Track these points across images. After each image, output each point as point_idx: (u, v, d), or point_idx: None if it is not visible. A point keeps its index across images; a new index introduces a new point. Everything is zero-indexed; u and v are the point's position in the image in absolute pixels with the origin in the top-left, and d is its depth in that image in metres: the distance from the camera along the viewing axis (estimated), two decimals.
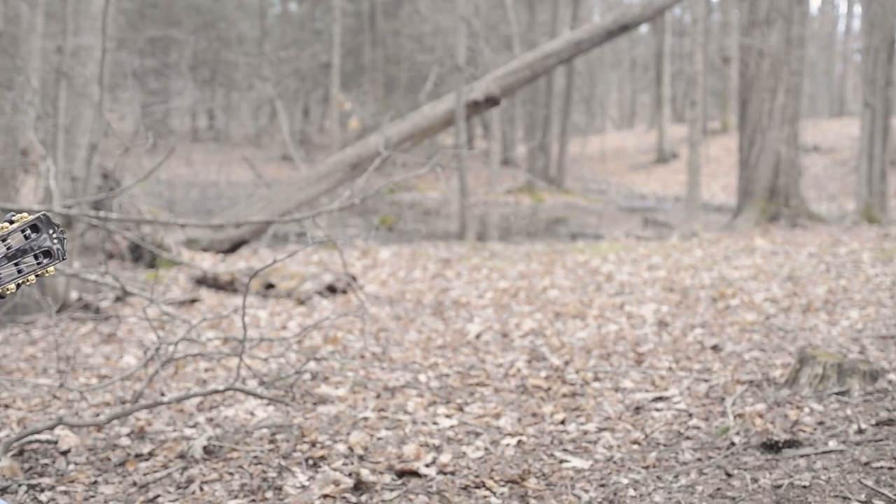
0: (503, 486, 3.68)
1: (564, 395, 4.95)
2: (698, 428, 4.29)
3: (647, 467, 3.83)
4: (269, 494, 3.67)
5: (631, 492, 3.56)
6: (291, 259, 9.92)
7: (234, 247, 12.21)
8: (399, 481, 3.75)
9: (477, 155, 17.33)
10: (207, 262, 10.64)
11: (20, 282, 1.90)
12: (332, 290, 8.73)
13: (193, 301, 8.30)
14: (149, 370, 5.42)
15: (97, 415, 4.84)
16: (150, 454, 4.17)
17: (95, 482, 3.90)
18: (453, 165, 13.62)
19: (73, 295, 8.01)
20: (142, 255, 10.34)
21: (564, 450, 4.09)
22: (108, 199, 7.51)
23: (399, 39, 31.31)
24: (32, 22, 12.65)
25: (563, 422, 4.48)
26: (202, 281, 9.16)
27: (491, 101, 14.03)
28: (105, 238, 9.33)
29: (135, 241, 8.82)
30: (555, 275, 9.78)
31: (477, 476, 3.78)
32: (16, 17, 12.68)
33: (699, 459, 3.88)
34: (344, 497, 3.60)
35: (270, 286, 8.73)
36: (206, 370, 5.80)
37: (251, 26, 34.43)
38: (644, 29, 37.29)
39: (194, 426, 4.55)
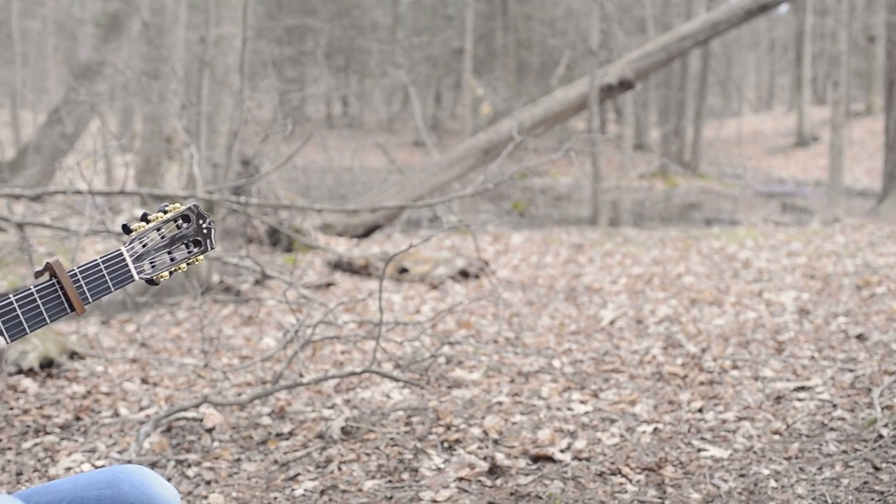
0: (639, 473, 3.65)
1: (702, 383, 4.87)
2: (843, 419, 4.16)
3: (788, 458, 3.74)
4: (405, 476, 3.72)
5: (772, 483, 3.48)
6: (424, 244, 10.01)
7: (367, 231, 12.39)
8: (534, 466, 3.75)
9: (610, 139, 17.14)
10: (342, 247, 10.82)
11: (173, 270, 1.96)
12: (464, 274, 8.78)
13: (329, 285, 8.46)
14: (288, 352, 5.56)
15: (239, 394, 4.98)
16: (290, 434, 4.28)
17: (238, 459, 4.02)
18: (586, 150, 13.50)
19: (215, 278, 8.26)
20: (279, 240, 10.58)
21: (702, 438, 4.02)
22: (247, 184, 7.72)
23: (531, 24, 31.15)
24: (177, 13, 13.06)
25: (700, 410, 4.41)
26: (337, 265, 9.32)
27: (625, 85, 13.84)
28: (245, 223, 9.59)
29: (273, 225, 9.04)
30: (690, 261, 9.61)
31: (612, 463, 3.76)
32: (161, 9, 13.11)
33: (844, 451, 3.76)
34: (479, 480, 3.63)
35: (404, 271, 8.83)
36: (343, 353, 5.90)
37: (384, 13, 34.77)
38: (784, 8, 36.19)
39: (332, 407, 4.64)
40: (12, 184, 12.63)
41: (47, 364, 5.40)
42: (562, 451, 3.90)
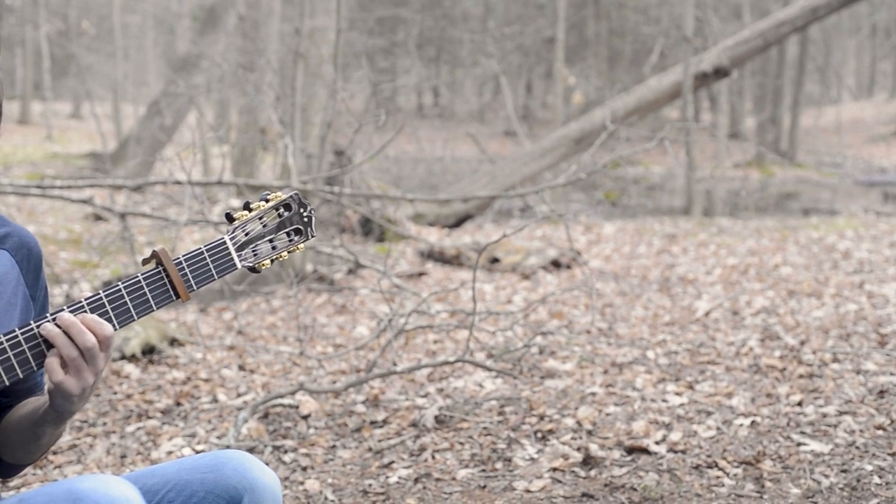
0: (736, 466, 3.59)
1: (801, 376, 4.77)
2: None
3: (893, 454, 3.64)
4: (498, 465, 3.73)
5: (875, 479, 3.39)
6: (516, 234, 10.00)
7: (458, 221, 12.41)
8: (628, 457, 3.73)
9: (704, 128, 16.84)
10: (433, 237, 10.87)
11: (274, 258, 1.99)
12: (556, 264, 8.74)
13: (421, 274, 8.51)
14: (381, 341, 5.61)
15: (334, 382, 5.04)
16: (384, 421, 4.32)
17: (334, 446, 4.07)
18: (679, 139, 13.30)
19: (309, 267, 8.37)
20: (371, 230, 10.67)
21: (802, 432, 3.94)
22: (340, 175, 7.79)
23: (623, 11, 30.82)
24: (272, 6, 13.24)
25: (799, 403, 4.32)
26: (428, 255, 9.37)
27: (720, 73, 13.60)
28: (337, 213, 9.69)
29: (366, 215, 9.11)
30: (787, 251, 9.42)
31: (709, 455, 3.70)
32: (256, 2, 13.30)
33: None
34: (573, 471, 3.61)
35: (495, 260, 8.83)
36: (435, 342, 5.93)
37: (475, 3, 34.73)
38: None
39: (425, 396, 4.67)
40: (114, 175, 12.96)
41: (149, 350, 5.54)
42: (657, 442, 3.86)
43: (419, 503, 3.40)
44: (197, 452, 4.04)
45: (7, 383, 1.70)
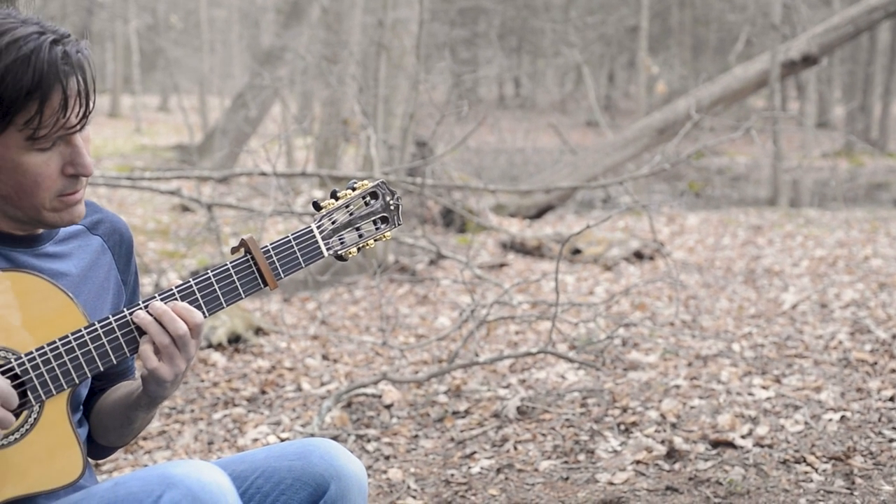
0: (825, 462, 3.52)
1: (893, 371, 4.65)
2: None
3: None
4: (581, 457, 3.71)
5: None
6: (598, 225, 9.95)
7: (540, 212, 12.37)
8: (713, 451, 3.68)
9: (791, 117, 16.49)
10: (514, 228, 10.85)
11: (360, 246, 2.00)
12: (638, 256, 8.66)
13: (502, 265, 8.50)
14: (463, 331, 5.62)
15: (416, 372, 5.07)
16: (466, 412, 4.32)
17: (416, 436, 4.10)
18: (766, 128, 13.07)
19: (391, 258, 8.42)
20: (452, 221, 10.69)
21: (894, 428, 3.84)
22: (422, 166, 7.81)
23: None
24: None
25: (892, 399, 4.21)
26: (509, 246, 9.35)
27: (808, 61, 13.31)
28: (419, 204, 9.73)
29: (447, 206, 9.13)
30: (878, 243, 9.19)
31: (797, 450, 3.63)
32: None
33: None
34: (657, 464, 3.58)
35: (577, 252, 8.78)
36: (517, 333, 5.92)
37: None
38: None
39: (507, 387, 4.67)
40: (201, 166, 13.19)
41: (235, 339, 5.64)
42: (743, 436, 3.80)
43: (501, 494, 3.41)
44: (282, 440, 4.10)
45: (101, 369, 1.75)
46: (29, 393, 1.69)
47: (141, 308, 1.76)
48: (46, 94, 1.63)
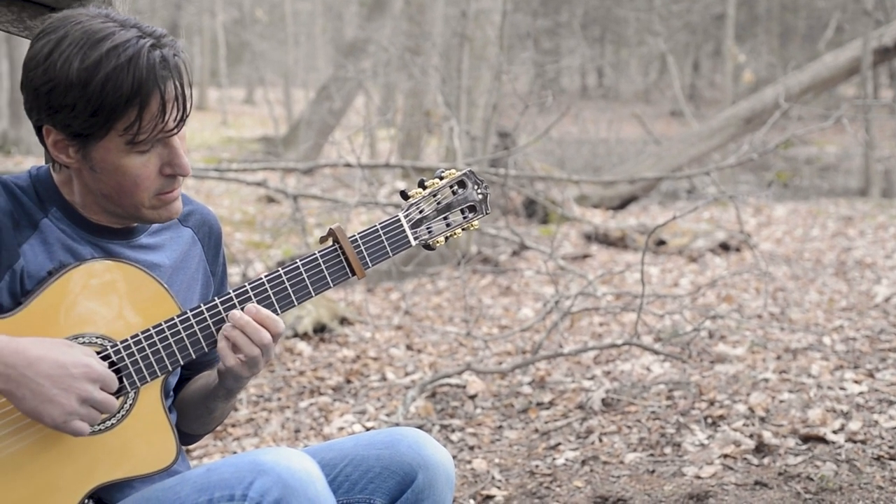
0: None
1: None
2: None
3: None
4: (667, 450, 3.67)
5: None
6: (685, 216, 9.83)
7: (623, 203, 12.26)
8: (804, 446, 3.60)
9: (884, 105, 16.07)
10: (598, 218, 10.77)
11: (448, 235, 2.00)
12: (724, 247, 8.53)
13: (585, 256, 8.45)
14: (547, 322, 5.59)
15: (500, 363, 5.06)
16: (551, 403, 4.31)
17: (500, 426, 4.09)
18: (857, 117, 12.75)
19: (473, 248, 8.43)
20: (535, 212, 10.64)
21: None
22: (505, 157, 7.80)
23: None
24: None
25: None
26: (592, 237, 9.29)
27: None
28: (501, 194, 9.70)
29: (530, 197, 9.10)
30: None
31: (891, 447, 3.54)
32: None
33: None
34: (745, 458, 3.52)
35: (662, 243, 8.68)
36: (601, 324, 5.88)
37: None
38: None
39: (592, 378, 4.64)
40: (286, 158, 13.35)
41: (320, 329, 5.70)
42: (834, 432, 3.72)
43: (586, 486, 3.38)
44: (367, 429, 4.13)
45: (193, 356, 1.79)
46: (125, 379, 1.73)
47: (232, 301, 1.80)
48: (146, 100, 1.66)
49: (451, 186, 1.99)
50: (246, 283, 1.84)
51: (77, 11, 1.71)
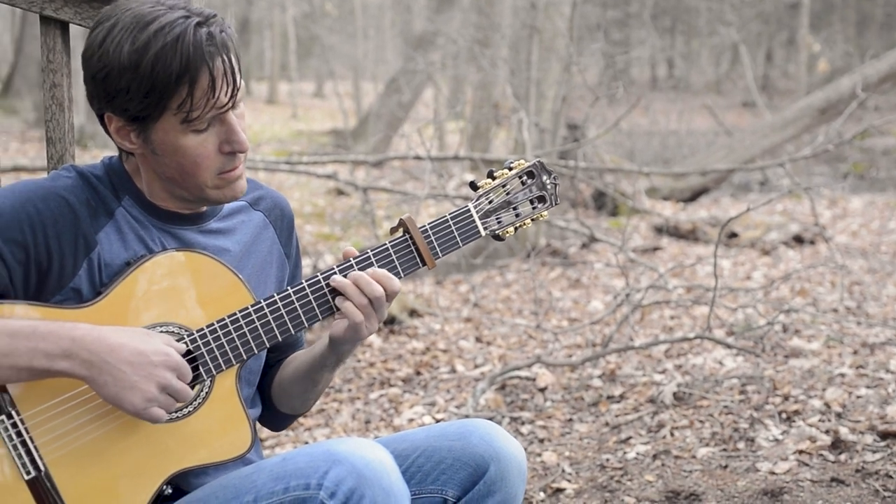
0: None
1: None
2: None
3: None
4: (740, 445, 3.62)
5: None
6: (759, 208, 9.69)
7: (694, 195, 12.10)
8: (882, 443, 3.52)
9: None
10: (668, 211, 10.66)
11: (518, 226, 2.00)
12: (798, 240, 8.38)
13: (655, 249, 8.37)
14: (617, 315, 5.55)
15: (570, 356, 5.04)
16: (621, 397, 4.28)
17: (570, 419, 4.08)
18: None
19: (542, 241, 8.40)
20: (604, 204, 10.57)
21: None
22: (574, 149, 7.75)
23: None
24: None
25: None
26: (662, 229, 9.19)
27: None
28: (570, 187, 9.65)
29: (600, 189, 9.03)
30: None
31: None
32: None
33: None
34: (821, 454, 3.45)
35: (733, 235, 8.56)
36: (672, 318, 5.82)
37: None
38: None
39: (663, 372, 4.59)
40: (355, 151, 13.43)
41: (390, 321, 5.72)
42: None
43: (658, 480, 3.35)
44: (437, 421, 4.14)
45: (293, 332, 1.82)
46: (200, 368, 1.76)
47: (335, 272, 1.83)
48: (195, 76, 1.69)
49: (520, 177, 1.99)
50: (318, 273, 1.86)
51: (129, 1, 1.75)
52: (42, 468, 1.65)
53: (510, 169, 2.00)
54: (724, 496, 3.18)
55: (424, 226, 1.92)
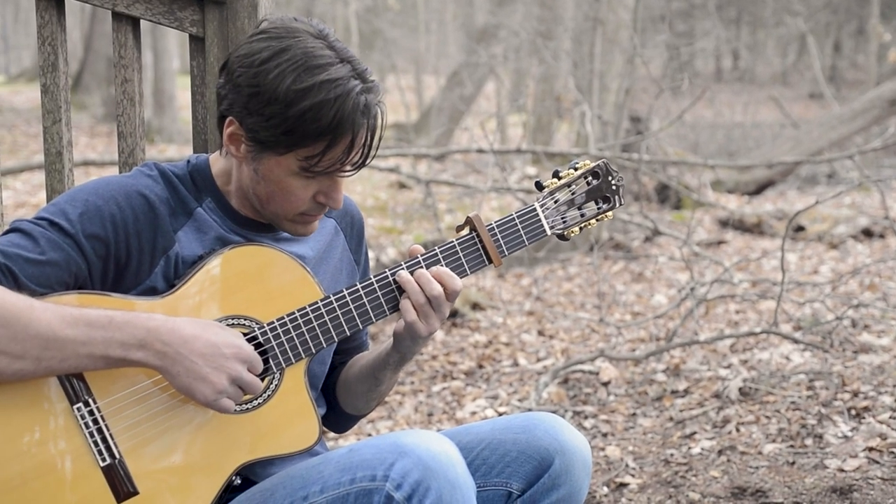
0: None
1: None
2: None
3: None
4: (808, 442, 3.57)
5: None
6: (827, 201, 9.54)
7: (759, 188, 11.95)
8: None
9: None
10: (733, 204, 10.54)
11: (582, 225, 2.00)
12: (867, 233, 8.24)
13: (720, 242, 8.28)
14: (681, 309, 5.51)
15: (633, 350, 5.02)
16: (686, 391, 4.25)
17: (634, 414, 4.06)
18: None
19: (605, 234, 8.35)
20: (667, 197, 10.47)
21: None
22: (638, 141, 7.70)
23: None
24: None
25: None
26: (727, 223, 9.09)
27: None
28: (633, 180, 9.58)
29: (664, 182, 8.96)
30: None
31: None
32: None
33: None
34: (892, 452, 3.40)
35: (800, 229, 8.44)
36: (737, 312, 5.76)
37: None
38: None
39: (728, 367, 4.55)
40: (417, 144, 13.47)
41: (452, 314, 5.74)
42: None
43: (723, 476, 3.33)
44: (499, 414, 4.15)
45: (361, 327, 1.84)
46: (270, 361, 1.79)
47: (402, 269, 1.84)
48: (336, 139, 1.72)
49: (585, 177, 1.99)
50: (386, 270, 1.88)
51: (300, 24, 1.76)
52: (117, 456, 1.69)
53: (575, 169, 2.01)
54: (792, 493, 3.14)
55: (491, 224, 1.93)
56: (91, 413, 1.67)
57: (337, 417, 2.12)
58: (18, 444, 1.64)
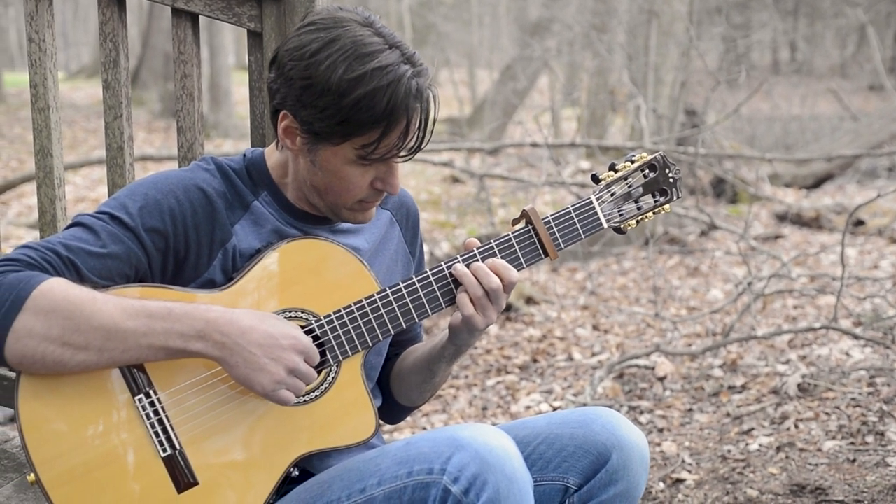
0: None
1: None
2: None
3: None
4: (869, 439, 3.52)
5: None
6: (889, 195, 9.36)
7: (817, 182, 11.79)
8: None
9: None
10: (790, 198, 10.40)
11: (639, 218, 1.99)
12: None
13: (777, 237, 8.18)
14: (738, 304, 5.45)
15: (689, 345, 4.97)
16: (743, 387, 4.20)
17: (690, 409, 4.02)
18: None
19: (660, 228, 8.28)
20: (723, 191, 10.37)
21: None
22: (693, 135, 7.63)
23: None
24: None
25: None
26: (783, 217, 8.98)
27: None
28: (689, 173, 9.49)
29: (720, 175, 8.86)
30: None
31: None
32: None
33: None
34: None
35: (860, 223, 8.31)
36: (795, 307, 5.69)
37: None
38: None
39: (786, 363, 4.49)
40: (471, 138, 13.46)
41: (506, 308, 5.73)
42: None
43: (782, 473, 3.29)
44: (554, 409, 4.14)
45: (417, 320, 1.84)
46: (327, 353, 1.80)
47: (458, 261, 1.84)
48: (392, 125, 1.71)
49: (642, 170, 1.97)
50: (442, 263, 1.87)
51: (346, 13, 1.76)
52: (178, 446, 1.71)
53: (632, 161, 1.99)
54: (852, 491, 3.10)
55: (547, 217, 1.92)
56: (152, 404, 1.70)
57: (390, 408, 2.13)
58: (82, 435, 1.67)
